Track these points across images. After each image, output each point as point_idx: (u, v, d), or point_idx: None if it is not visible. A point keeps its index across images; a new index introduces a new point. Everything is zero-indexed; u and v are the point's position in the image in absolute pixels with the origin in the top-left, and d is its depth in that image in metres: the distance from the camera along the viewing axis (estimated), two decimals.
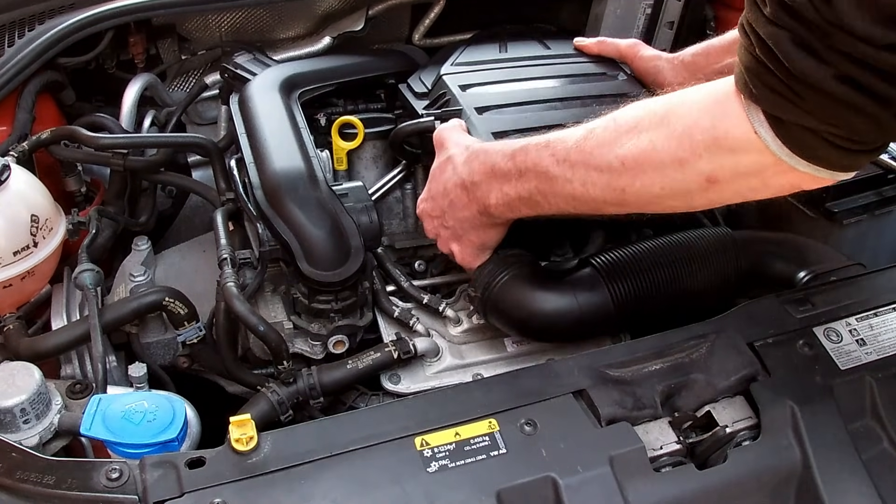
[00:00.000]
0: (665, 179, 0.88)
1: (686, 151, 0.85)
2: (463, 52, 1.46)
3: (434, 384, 1.13)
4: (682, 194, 0.90)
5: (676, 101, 0.89)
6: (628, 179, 0.91)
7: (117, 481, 0.80)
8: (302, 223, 1.11)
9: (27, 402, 0.91)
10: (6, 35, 1.42)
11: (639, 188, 0.91)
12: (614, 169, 0.91)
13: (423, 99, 1.36)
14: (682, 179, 0.87)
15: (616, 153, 0.91)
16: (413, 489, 0.82)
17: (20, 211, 1.13)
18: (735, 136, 0.81)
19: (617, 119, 0.94)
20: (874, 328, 1.02)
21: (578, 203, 0.97)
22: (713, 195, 0.88)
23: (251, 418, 0.84)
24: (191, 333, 1.18)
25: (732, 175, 0.85)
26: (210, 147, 1.39)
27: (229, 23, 1.60)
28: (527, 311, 1.08)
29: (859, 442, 0.92)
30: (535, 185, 1.00)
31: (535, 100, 1.30)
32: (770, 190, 0.86)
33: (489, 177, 1.05)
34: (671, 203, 0.92)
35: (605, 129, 0.94)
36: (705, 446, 0.92)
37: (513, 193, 1.02)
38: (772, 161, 0.80)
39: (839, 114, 0.74)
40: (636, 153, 0.89)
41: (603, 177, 0.93)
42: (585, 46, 1.44)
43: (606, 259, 1.11)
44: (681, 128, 0.86)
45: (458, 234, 1.12)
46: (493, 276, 1.10)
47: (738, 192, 0.88)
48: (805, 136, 0.77)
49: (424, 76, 1.40)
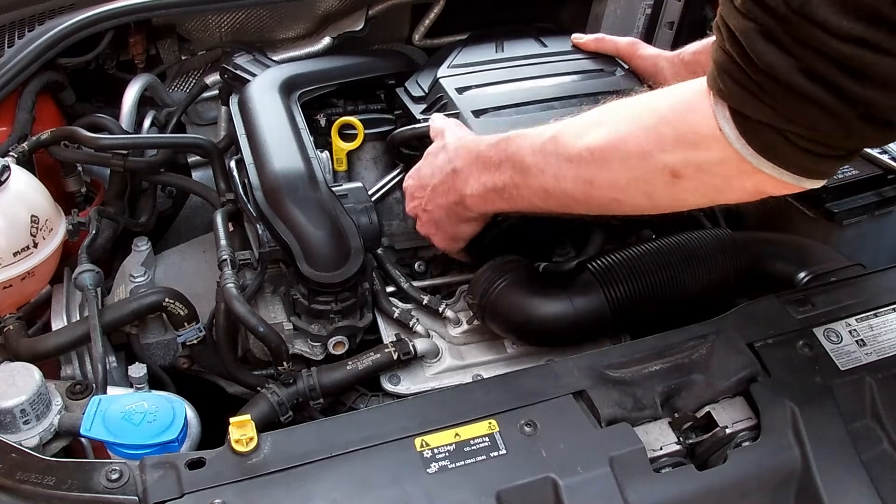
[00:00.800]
0: (630, 172, 0.89)
1: (652, 144, 0.86)
2: (459, 54, 1.46)
3: (434, 385, 1.13)
4: (647, 189, 0.90)
5: (651, 97, 0.90)
6: (595, 170, 0.91)
7: (117, 482, 0.80)
8: (302, 224, 1.11)
9: (27, 403, 0.91)
10: (6, 35, 1.42)
11: (605, 180, 0.91)
12: (583, 159, 0.92)
13: (420, 103, 1.36)
14: (646, 172, 0.88)
15: (586, 143, 0.92)
16: (413, 490, 0.82)
17: (20, 211, 1.13)
18: (700, 131, 0.81)
19: (594, 112, 0.95)
20: (874, 329, 1.02)
21: (548, 197, 0.98)
22: (677, 192, 0.88)
23: (251, 419, 0.84)
24: (191, 334, 1.18)
25: (696, 171, 0.84)
26: (210, 148, 1.39)
27: (229, 23, 1.60)
28: (523, 316, 1.09)
29: (859, 442, 0.92)
30: (510, 176, 1.01)
31: (532, 100, 1.30)
32: (734, 193, 0.86)
33: (472, 164, 1.06)
34: (636, 200, 0.92)
35: (580, 121, 0.95)
36: (705, 447, 0.92)
37: (489, 183, 1.03)
38: (735, 160, 0.80)
39: (803, 111, 0.73)
40: (604, 143, 0.90)
41: (572, 168, 0.93)
42: (583, 43, 1.44)
43: (602, 263, 1.11)
44: (650, 120, 0.87)
45: (435, 220, 1.15)
46: (490, 283, 1.10)
47: (703, 192, 0.88)
48: (768, 135, 0.77)
49: (421, 79, 1.40)
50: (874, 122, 0.72)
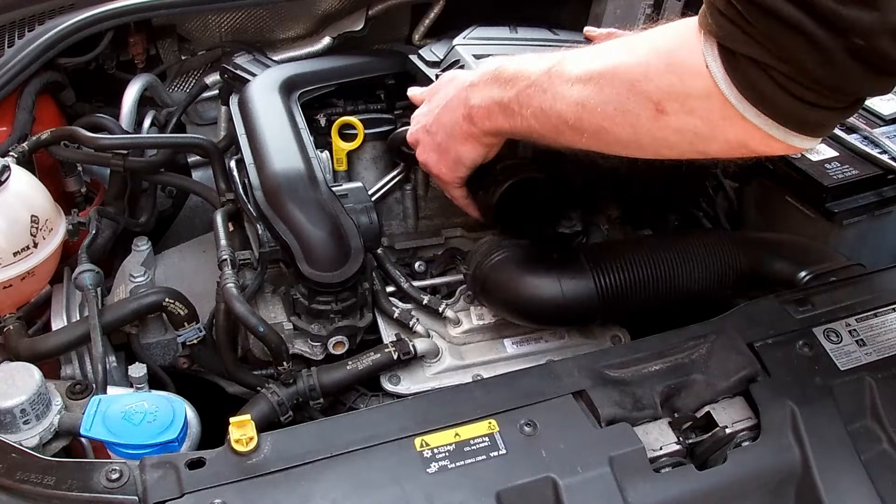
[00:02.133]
0: (619, 99, 0.88)
1: (641, 73, 0.86)
2: (475, 30, 1.47)
3: (434, 385, 1.13)
4: (632, 121, 0.89)
5: (650, 32, 0.90)
6: (588, 92, 0.91)
7: (117, 482, 0.80)
8: (302, 224, 1.11)
9: (27, 403, 0.91)
10: (6, 35, 1.42)
11: (595, 104, 0.91)
12: (579, 80, 0.93)
13: (435, 67, 1.36)
14: (633, 101, 0.87)
15: (585, 67, 0.93)
16: (413, 490, 0.82)
17: (20, 211, 1.13)
18: (687, 65, 0.81)
19: (599, 45, 0.98)
20: (874, 329, 1.02)
21: (544, 119, 0.98)
22: (660, 128, 0.87)
23: (251, 419, 0.84)
24: (191, 334, 1.18)
25: (680, 108, 0.83)
26: (210, 148, 1.39)
27: (229, 23, 1.60)
28: (512, 293, 1.10)
29: (859, 442, 0.92)
30: (515, 92, 1.01)
31: None
32: (717, 142, 0.84)
33: (485, 78, 1.07)
34: (621, 130, 0.91)
35: (585, 50, 0.97)
36: (705, 447, 0.92)
37: (496, 96, 1.04)
38: (719, 101, 0.79)
39: (785, 40, 0.71)
40: (600, 68, 0.91)
41: (568, 89, 0.94)
42: (595, 36, 1.45)
43: (597, 250, 1.11)
44: (643, 51, 0.87)
45: (438, 141, 1.13)
46: (485, 256, 1.11)
47: (685, 136, 0.86)
48: (754, 74, 0.75)
49: (436, 48, 1.41)
50: (865, 60, 0.70)
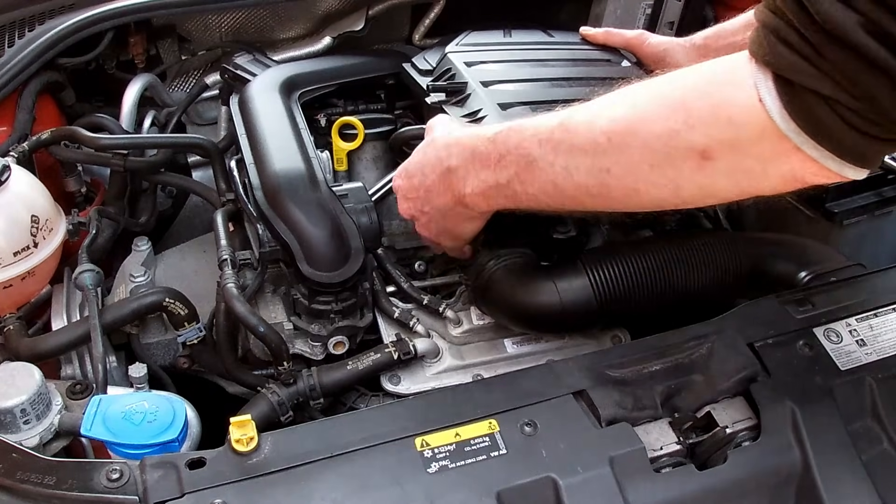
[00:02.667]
0: (654, 155, 0.80)
1: (679, 121, 0.77)
2: (468, 36, 1.47)
3: (434, 385, 1.13)
4: (672, 175, 0.81)
5: (674, 74, 0.82)
6: (613, 157, 0.83)
7: (118, 482, 0.80)
8: (302, 224, 1.11)
9: (27, 403, 0.91)
10: (6, 35, 1.42)
11: (624, 168, 0.83)
12: (598, 145, 0.84)
13: (427, 75, 1.36)
14: (672, 154, 0.79)
15: (601, 126, 0.84)
16: (413, 490, 0.82)
17: (20, 211, 1.13)
18: (736, 102, 0.74)
19: (606, 95, 0.87)
20: (874, 329, 1.02)
21: (558, 193, 0.90)
22: (706, 177, 0.79)
23: (251, 419, 0.84)
24: (191, 334, 1.18)
25: (729, 151, 0.76)
26: (210, 148, 1.39)
27: (229, 23, 1.60)
28: (512, 302, 1.10)
29: (859, 442, 0.92)
30: (514, 171, 0.93)
31: (540, 77, 1.31)
32: (770, 180, 0.77)
33: (468, 161, 0.98)
34: (659, 189, 0.83)
35: (592, 105, 0.87)
36: (705, 447, 0.92)
37: (490, 181, 0.96)
38: (774, 137, 0.72)
39: (862, 76, 0.65)
40: (623, 125, 0.82)
41: (586, 157, 0.85)
42: (592, 36, 1.45)
43: (594, 255, 1.11)
44: (677, 95, 0.79)
45: (435, 222, 1.09)
46: (484, 267, 1.11)
47: (734, 178, 0.79)
48: (816, 108, 0.69)
49: (429, 55, 1.41)
50: None
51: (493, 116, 1.18)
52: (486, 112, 1.20)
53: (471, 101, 1.24)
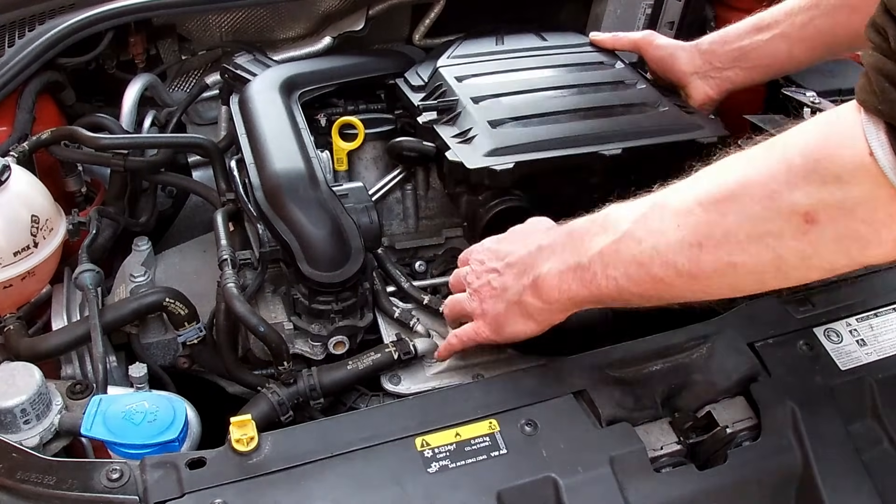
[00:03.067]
0: (751, 222, 0.73)
1: (780, 181, 0.71)
2: (460, 46, 1.47)
3: (434, 385, 1.13)
4: (772, 243, 0.73)
5: (777, 136, 0.75)
6: (707, 227, 0.76)
7: (118, 482, 0.81)
8: (302, 224, 1.11)
9: (28, 403, 0.91)
10: (6, 35, 1.42)
11: (718, 238, 0.76)
12: (692, 216, 0.77)
13: (419, 92, 1.36)
14: (772, 218, 0.72)
15: (696, 196, 0.77)
16: (413, 489, 0.82)
17: (20, 211, 1.13)
18: (843, 159, 0.66)
19: (703, 170, 0.81)
20: (874, 328, 1.02)
21: (642, 274, 0.82)
22: (809, 244, 0.71)
23: (252, 419, 0.84)
24: (191, 334, 1.18)
25: (836, 213, 0.68)
26: (210, 147, 1.39)
27: (229, 23, 1.60)
28: None
29: (859, 442, 0.92)
30: (598, 249, 0.86)
31: (531, 88, 1.31)
32: (882, 246, 0.69)
33: (561, 240, 0.92)
34: (757, 260, 0.75)
35: (688, 179, 0.81)
36: (706, 447, 0.92)
37: (571, 261, 0.88)
38: (887, 196, 0.64)
39: None
40: (718, 191, 0.76)
41: (678, 231, 0.78)
42: (601, 41, 1.45)
43: None
44: (777, 154, 0.72)
45: (491, 301, 0.99)
46: None
47: (842, 244, 0.71)
48: None
49: (421, 70, 1.41)
50: None
51: (484, 135, 1.19)
52: (476, 131, 1.20)
53: (461, 120, 1.24)
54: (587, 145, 1.19)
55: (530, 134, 1.21)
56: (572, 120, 1.25)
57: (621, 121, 1.26)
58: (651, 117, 1.27)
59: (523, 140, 1.19)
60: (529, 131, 1.21)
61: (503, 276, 0.97)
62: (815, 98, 1.38)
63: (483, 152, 1.17)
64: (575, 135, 1.21)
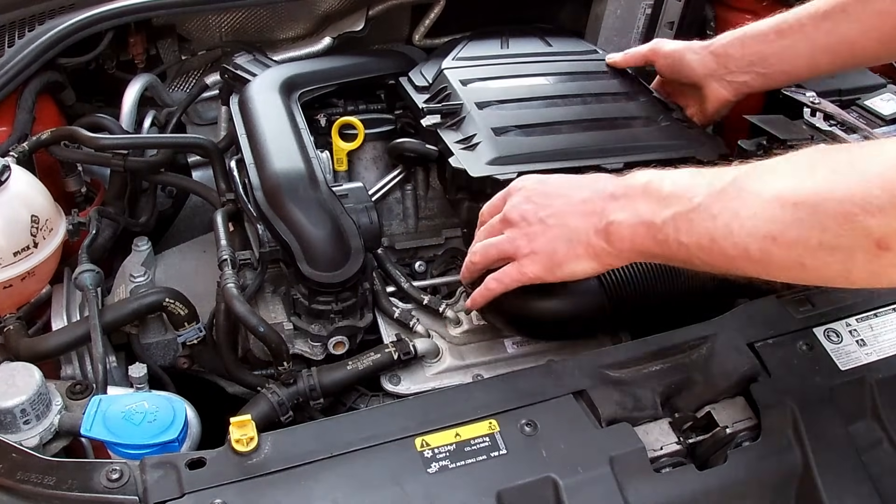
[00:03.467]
0: (825, 235, 0.73)
1: (857, 204, 0.70)
2: (465, 47, 1.47)
3: (434, 385, 1.13)
4: (843, 259, 0.73)
5: (856, 150, 0.75)
6: (783, 225, 0.76)
7: (118, 482, 0.80)
8: (302, 224, 1.11)
9: (27, 403, 0.91)
10: (6, 35, 1.42)
11: (792, 238, 0.75)
12: (769, 209, 0.77)
13: (423, 93, 1.36)
14: (845, 238, 0.72)
15: (776, 190, 0.77)
16: (413, 490, 0.82)
17: (20, 211, 1.13)
18: None
19: (783, 158, 0.80)
20: (874, 329, 1.02)
21: (714, 249, 0.82)
22: (880, 267, 0.72)
23: (251, 419, 0.84)
24: (191, 334, 1.18)
25: None
26: (210, 148, 1.39)
27: (229, 23, 1.60)
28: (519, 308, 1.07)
29: (859, 442, 0.92)
30: (672, 213, 0.85)
31: (535, 96, 1.31)
32: None
33: (635, 193, 0.91)
34: (825, 269, 0.75)
35: (768, 165, 0.81)
36: (705, 447, 0.92)
37: (646, 215, 0.88)
38: None
39: None
40: (797, 195, 0.75)
41: (753, 220, 0.78)
42: (615, 62, 1.43)
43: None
44: (856, 176, 0.71)
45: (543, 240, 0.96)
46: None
47: None
48: None
49: (425, 70, 1.41)
50: None
51: (487, 142, 1.19)
52: (480, 138, 1.20)
53: (465, 126, 1.24)
54: (589, 158, 1.19)
55: (533, 144, 1.21)
56: (575, 131, 1.25)
57: (623, 134, 1.26)
58: (652, 132, 1.27)
59: (526, 150, 1.19)
60: (533, 141, 1.21)
61: (566, 216, 0.95)
62: (814, 98, 1.38)
63: (486, 160, 1.16)
64: (577, 147, 1.21)
